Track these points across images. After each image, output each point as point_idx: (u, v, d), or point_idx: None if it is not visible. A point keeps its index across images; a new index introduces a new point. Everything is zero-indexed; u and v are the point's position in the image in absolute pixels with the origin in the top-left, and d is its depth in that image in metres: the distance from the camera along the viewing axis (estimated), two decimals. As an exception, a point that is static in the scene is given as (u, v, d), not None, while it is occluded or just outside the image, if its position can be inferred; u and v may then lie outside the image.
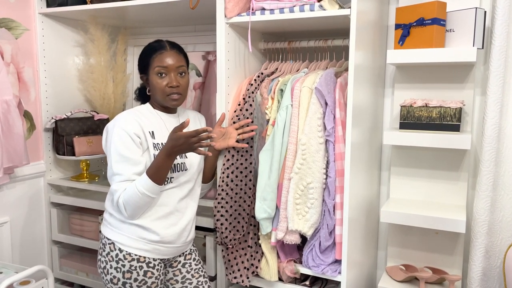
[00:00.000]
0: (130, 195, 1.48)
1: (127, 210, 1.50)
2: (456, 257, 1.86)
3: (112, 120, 1.57)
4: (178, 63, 1.58)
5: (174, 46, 1.61)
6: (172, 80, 1.55)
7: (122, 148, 1.50)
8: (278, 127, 1.63)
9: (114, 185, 1.51)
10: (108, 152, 1.54)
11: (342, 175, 1.58)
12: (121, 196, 1.49)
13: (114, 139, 1.51)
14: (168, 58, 1.56)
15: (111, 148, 1.52)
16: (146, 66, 1.59)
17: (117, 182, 1.50)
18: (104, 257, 1.57)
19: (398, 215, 1.72)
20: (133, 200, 1.48)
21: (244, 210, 1.73)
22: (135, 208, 1.50)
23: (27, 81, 2.18)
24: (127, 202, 1.49)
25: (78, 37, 2.38)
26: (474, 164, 1.84)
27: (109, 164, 1.53)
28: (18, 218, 2.19)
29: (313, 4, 1.56)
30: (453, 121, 1.65)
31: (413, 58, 1.62)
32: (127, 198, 1.48)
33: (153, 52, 1.58)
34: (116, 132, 1.52)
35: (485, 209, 1.70)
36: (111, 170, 1.52)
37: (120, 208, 1.51)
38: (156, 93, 1.58)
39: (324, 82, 1.58)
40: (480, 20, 1.61)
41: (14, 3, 2.10)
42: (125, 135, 1.51)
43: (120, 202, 1.49)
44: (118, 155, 1.50)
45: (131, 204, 1.49)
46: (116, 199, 1.50)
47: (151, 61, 1.57)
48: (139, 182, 1.48)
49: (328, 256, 1.64)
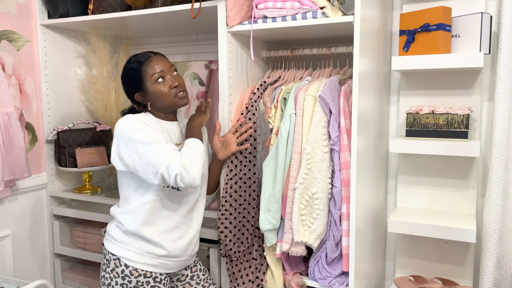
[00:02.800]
0: (190, 153, 1.45)
1: (193, 169, 1.42)
2: (466, 267, 1.81)
3: (120, 124, 1.50)
4: (169, 64, 1.57)
5: (155, 52, 1.60)
6: (172, 81, 1.54)
7: (153, 132, 1.47)
8: (282, 136, 1.60)
9: (167, 154, 1.41)
10: (138, 144, 1.44)
11: (348, 184, 1.54)
12: (182, 159, 1.41)
13: (139, 129, 1.46)
14: (158, 63, 1.54)
15: (142, 136, 1.44)
16: (139, 82, 1.54)
17: (170, 150, 1.43)
18: (109, 274, 1.54)
19: (406, 225, 1.68)
20: (195, 156, 1.45)
21: (249, 221, 1.70)
22: (199, 167, 1.45)
23: (28, 93, 2.17)
24: (190, 160, 1.43)
25: (79, 48, 2.37)
26: (483, 171, 1.80)
27: (145, 151, 1.43)
28: (20, 231, 2.17)
29: (315, 12, 1.54)
30: (460, 128, 1.62)
31: (419, 65, 1.59)
32: (189, 156, 1.44)
33: (142, 65, 1.54)
34: (136, 125, 1.47)
35: (495, 217, 1.65)
36: (152, 149, 1.43)
37: (185, 171, 1.40)
38: (162, 101, 1.54)
39: (328, 90, 1.56)
40: (486, 25, 1.58)
41: (15, 15, 2.10)
42: (143, 125, 1.48)
43: (184, 162, 1.41)
44: (154, 138, 1.45)
45: (195, 162, 1.44)
46: (177, 163, 1.39)
47: (144, 73, 1.53)
48: (188, 144, 1.49)
49: (335, 268, 1.60)
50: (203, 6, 1.72)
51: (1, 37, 2.04)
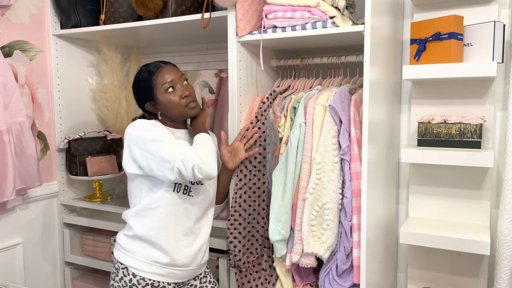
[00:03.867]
0: (203, 147, 1.47)
1: (206, 162, 1.43)
2: (480, 279, 1.77)
3: (129, 128, 1.52)
4: (179, 74, 1.57)
5: (166, 62, 1.61)
6: (183, 90, 1.54)
7: (165, 131, 1.50)
8: (292, 146, 1.59)
9: (181, 149, 1.43)
10: (151, 144, 1.46)
11: (359, 195, 1.52)
12: (196, 152, 1.43)
13: (151, 130, 1.48)
14: (168, 73, 1.55)
15: (155, 136, 1.47)
16: (149, 91, 1.55)
17: (183, 145, 1.46)
18: (117, 282, 1.54)
19: (418, 236, 1.65)
20: (207, 149, 1.47)
21: (258, 231, 1.68)
22: (212, 160, 1.47)
23: (41, 102, 2.20)
24: (204, 152, 1.45)
25: (91, 58, 2.40)
26: (497, 182, 1.76)
27: (158, 150, 1.44)
28: (31, 239, 2.18)
29: (325, 21, 1.53)
30: (473, 137, 1.59)
31: (430, 74, 1.58)
32: (202, 149, 1.46)
33: (152, 75, 1.55)
34: (147, 127, 1.49)
35: (509, 229, 1.62)
36: (165, 146, 1.44)
37: (202, 162, 1.42)
38: (172, 111, 1.55)
39: (338, 99, 1.54)
40: (499, 33, 1.56)
41: (28, 26, 2.13)
42: (153, 126, 1.50)
43: (200, 155, 1.43)
44: (165, 136, 1.48)
45: (209, 155, 1.46)
46: (192, 156, 1.41)
47: (154, 82, 1.54)
48: (200, 138, 1.52)
49: (346, 280, 1.58)
50: (213, 16, 1.73)
51: (14, 47, 2.07)
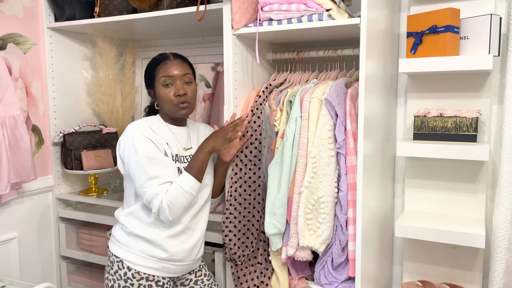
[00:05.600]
0: (175, 196, 1.45)
1: (172, 211, 1.45)
2: (475, 272, 1.78)
3: (126, 132, 1.53)
4: (183, 71, 1.56)
5: (177, 56, 1.61)
6: (178, 88, 1.54)
7: (151, 152, 1.48)
8: (287, 140, 1.59)
9: (153, 189, 1.45)
10: (134, 161, 1.47)
11: (355, 188, 1.52)
12: (164, 199, 1.45)
13: (138, 145, 1.47)
14: (172, 67, 1.55)
15: (139, 154, 1.46)
16: (151, 79, 1.58)
17: (157, 185, 1.45)
18: (112, 275, 1.53)
19: (414, 229, 1.65)
20: (179, 200, 1.45)
21: (253, 225, 1.68)
22: (181, 209, 1.48)
23: (35, 96, 2.18)
24: (172, 203, 1.45)
25: (86, 51, 2.38)
26: (493, 175, 1.77)
27: (139, 172, 1.46)
28: (26, 233, 2.17)
29: (321, 14, 1.52)
30: (469, 131, 1.59)
31: (427, 67, 1.57)
32: (172, 199, 1.45)
33: (157, 64, 1.57)
34: (138, 138, 1.48)
35: (505, 222, 1.62)
36: (144, 176, 1.46)
37: (164, 212, 1.45)
38: (164, 105, 1.56)
39: (334, 93, 1.54)
40: (495, 26, 1.56)
41: (22, 18, 2.11)
42: (147, 141, 1.49)
43: (164, 205, 1.45)
44: (149, 160, 1.46)
45: (177, 205, 1.46)
46: (158, 203, 1.45)
47: (156, 72, 1.56)
48: (182, 182, 1.47)
49: (341, 273, 1.58)
50: (209, 8, 1.71)
51: (8, 40, 2.05)
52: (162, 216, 1.47)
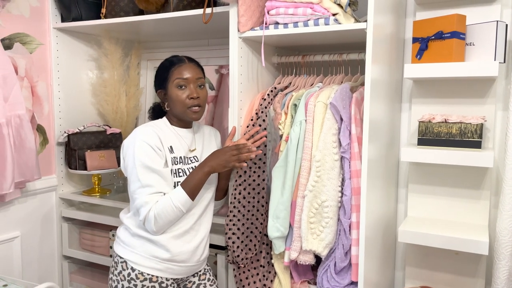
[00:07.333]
0: (164, 208, 1.45)
1: (157, 223, 1.46)
2: (478, 279, 1.78)
3: (130, 135, 1.54)
4: (197, 75, 1.58)
5: (192, 59, 1.62)
6: (192, 91, 1.55)
7: (148, 160, 1.48)
8: (292, 143, 1.59)
9: (143, 197, 1.46)
10: (131, 166, 1.49)
11: (358, 193, 1.52)
12: (152, 209, 1.45)
13: (137, 152, 1.48)
14: (187, 70, 1.56)
15: (135, 161, 1.48)
16: (164, 80, 1.58)
17: (148, 194, 1.46)
18: (116, 276, 1.54)
19: (417, 235, 1.65)
20: (166, 213, 1.45)
21: (257, 228, 1.68)
22: (167, 222, 1.48)
23: (40, 95, 2.19)
24: (159, 215, 1.45)
25: (91, 52, 2.39)
26: (497, 182, 1.76)
27: (133, 178, 1.48)
28: (29, 232, 2.17)
29: (328, 18, 1.52)
30: (474, 137, 1.59)
31: (432, 73, 1.57)
32: (160, 211, 1.45)
33: (172, 66, 1.57)
34: (138, 145, 1.49)
35: (508, 229, 1.62)
36: (137, 183, 1.47)
37: (149, 222, 1.46)
38: (176, 106, 1.57)
39: (339, 97, 1.54)
40: (501, 33, 1.56)
41: (29, 18, 2.12)
42: (148, 147, 1.49)
43: (150, 215, 1.45)
44: (144, 167, 1.47)
45: (164, 218, 1.46)
46: (145, 212, 1.46)
47: (170, 74, 1.56)
48: (174, 196, 1.46)
49: (344, 278, 1.58)
50: (215, 11, 1.72)
51: (15, 39, 2.06)
52: (147, 226, 1.48)
